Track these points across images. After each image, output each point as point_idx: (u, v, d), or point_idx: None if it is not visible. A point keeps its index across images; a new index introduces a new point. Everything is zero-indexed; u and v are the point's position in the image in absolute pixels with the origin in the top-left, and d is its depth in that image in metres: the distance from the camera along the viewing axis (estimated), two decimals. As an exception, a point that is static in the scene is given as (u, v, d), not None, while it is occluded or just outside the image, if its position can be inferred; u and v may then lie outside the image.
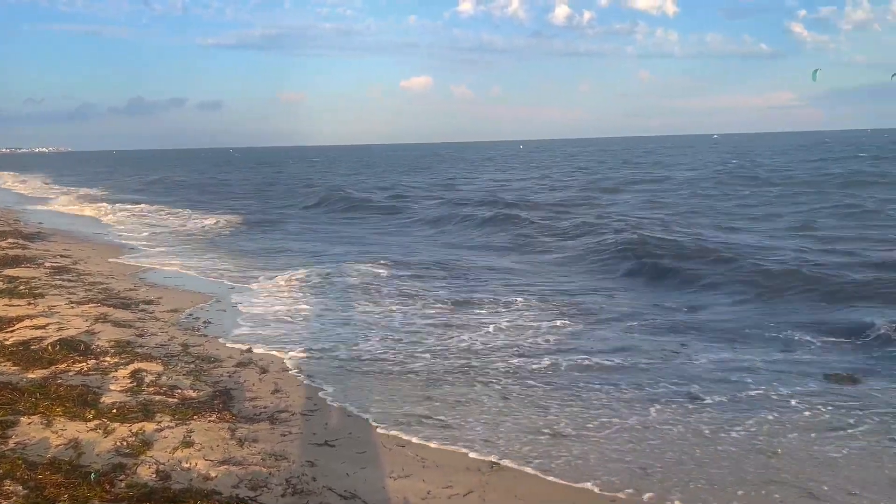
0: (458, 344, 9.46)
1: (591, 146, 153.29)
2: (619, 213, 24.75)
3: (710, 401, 7.35)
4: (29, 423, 6.19)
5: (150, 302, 11.87)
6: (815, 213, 24.11)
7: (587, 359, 8.79)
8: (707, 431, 6.58)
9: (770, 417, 6.87)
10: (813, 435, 6.44)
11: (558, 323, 10.57)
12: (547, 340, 9.66)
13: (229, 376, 8.06)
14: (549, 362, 8.65)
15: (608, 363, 8.64)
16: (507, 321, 10.68)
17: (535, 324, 10.54)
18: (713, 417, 6.89)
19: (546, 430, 6.61)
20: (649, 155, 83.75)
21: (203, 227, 24.74)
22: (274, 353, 9.08)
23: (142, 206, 32.86)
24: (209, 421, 6.58)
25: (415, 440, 6.37)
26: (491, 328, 10.26)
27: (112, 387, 7.40)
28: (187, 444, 5.99)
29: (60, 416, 6.43)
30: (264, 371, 8.28)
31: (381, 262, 16.02)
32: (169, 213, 29.78)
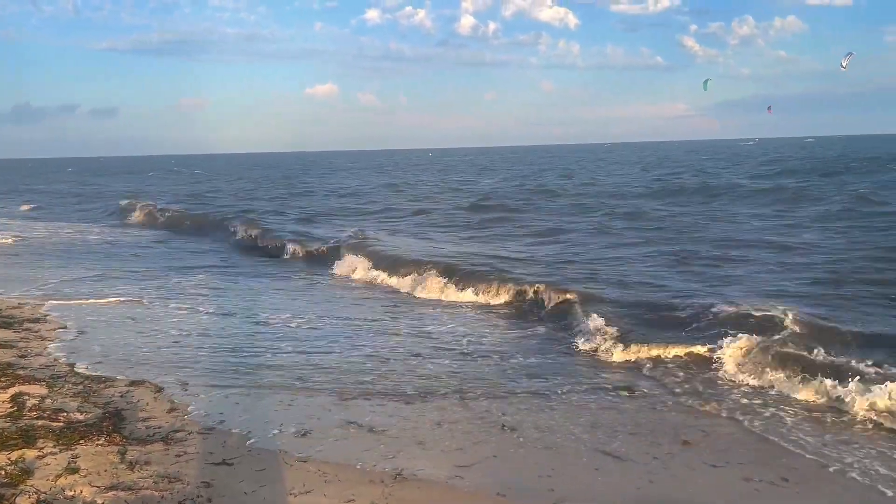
0: (352, 351, 9.56)
1: (482, 155, 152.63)
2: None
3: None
4: None
5: (36, 320, 11.19)
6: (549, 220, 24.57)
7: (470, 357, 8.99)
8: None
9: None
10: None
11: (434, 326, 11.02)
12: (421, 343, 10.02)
13: (121, 396, 7.66)
14: (429, 362, 9.08)
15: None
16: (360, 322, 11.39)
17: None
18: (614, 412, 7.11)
19: (449, 437, 6.63)
20: (513, 165, 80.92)
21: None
22: (166, 368, 8.72)
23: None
24: (97, 445, 6.22)
25: (316, 455, 6.21)
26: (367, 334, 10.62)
27: (-11, 413, 6.90)
28: (72, 470, 5.64)
29: (-72, 446, 5.94)
30: (159, 389, 7.92)
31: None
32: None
